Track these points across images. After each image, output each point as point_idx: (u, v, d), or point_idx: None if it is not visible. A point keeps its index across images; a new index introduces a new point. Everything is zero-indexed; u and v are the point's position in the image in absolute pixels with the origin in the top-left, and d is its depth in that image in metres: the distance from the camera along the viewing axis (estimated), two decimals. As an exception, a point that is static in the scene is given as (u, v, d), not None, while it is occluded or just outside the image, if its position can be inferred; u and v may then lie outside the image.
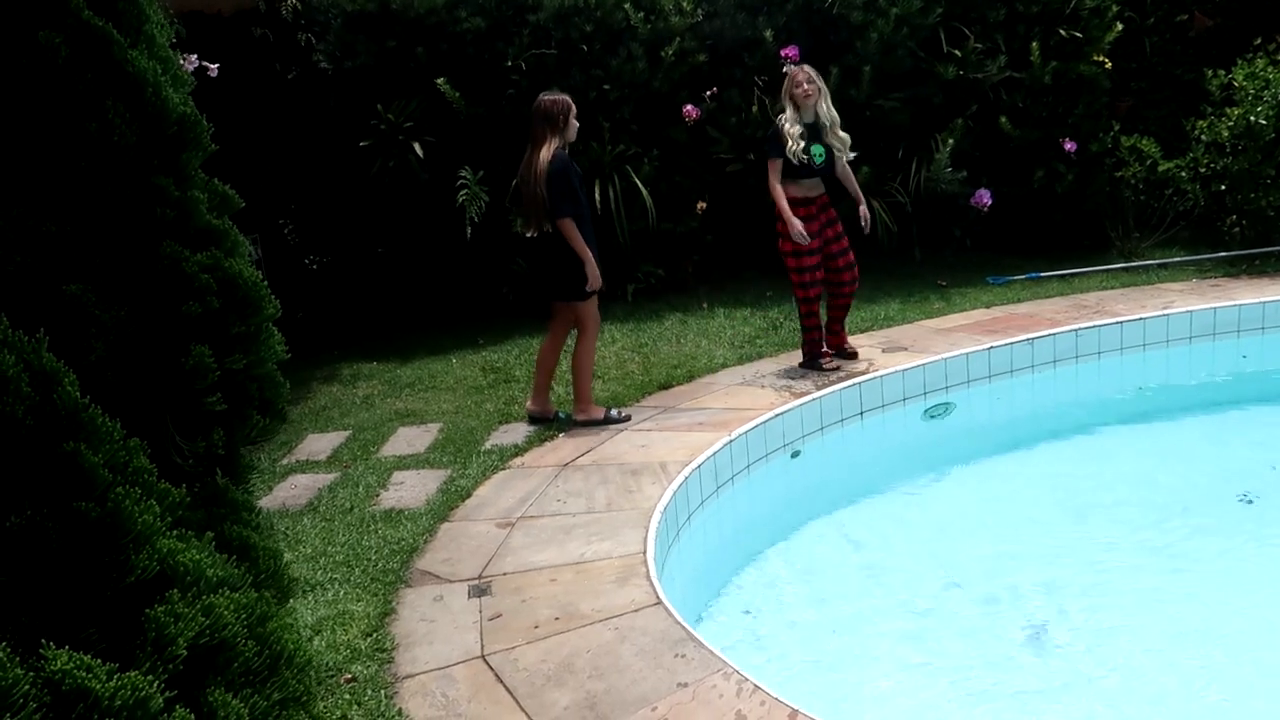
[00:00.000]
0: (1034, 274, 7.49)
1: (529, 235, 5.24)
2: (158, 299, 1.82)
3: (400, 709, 2.94)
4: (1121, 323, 6.19)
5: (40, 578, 1.29)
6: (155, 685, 1.26)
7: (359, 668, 3.17)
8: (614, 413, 5.34)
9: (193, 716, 1.29)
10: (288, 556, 3.36)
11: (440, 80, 7.24)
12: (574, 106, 5.13)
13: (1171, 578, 3.96)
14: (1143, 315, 6.26)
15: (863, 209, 5.79)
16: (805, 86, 5.57)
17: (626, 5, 7.49)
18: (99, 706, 1.19)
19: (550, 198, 4.98)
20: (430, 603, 3.60)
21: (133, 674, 1.26)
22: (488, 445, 5.14)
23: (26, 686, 1.11)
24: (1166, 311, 6.28)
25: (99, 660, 1.23)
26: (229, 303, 1.89)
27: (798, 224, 5.49)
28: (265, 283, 2.06)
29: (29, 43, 1.70)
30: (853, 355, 5.88)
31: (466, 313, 7.79)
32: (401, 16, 7.28)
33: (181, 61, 2.82)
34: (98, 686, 1.19)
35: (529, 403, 5.50)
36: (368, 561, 3.93)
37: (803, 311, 5.82)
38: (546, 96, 5.12)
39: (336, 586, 3.75)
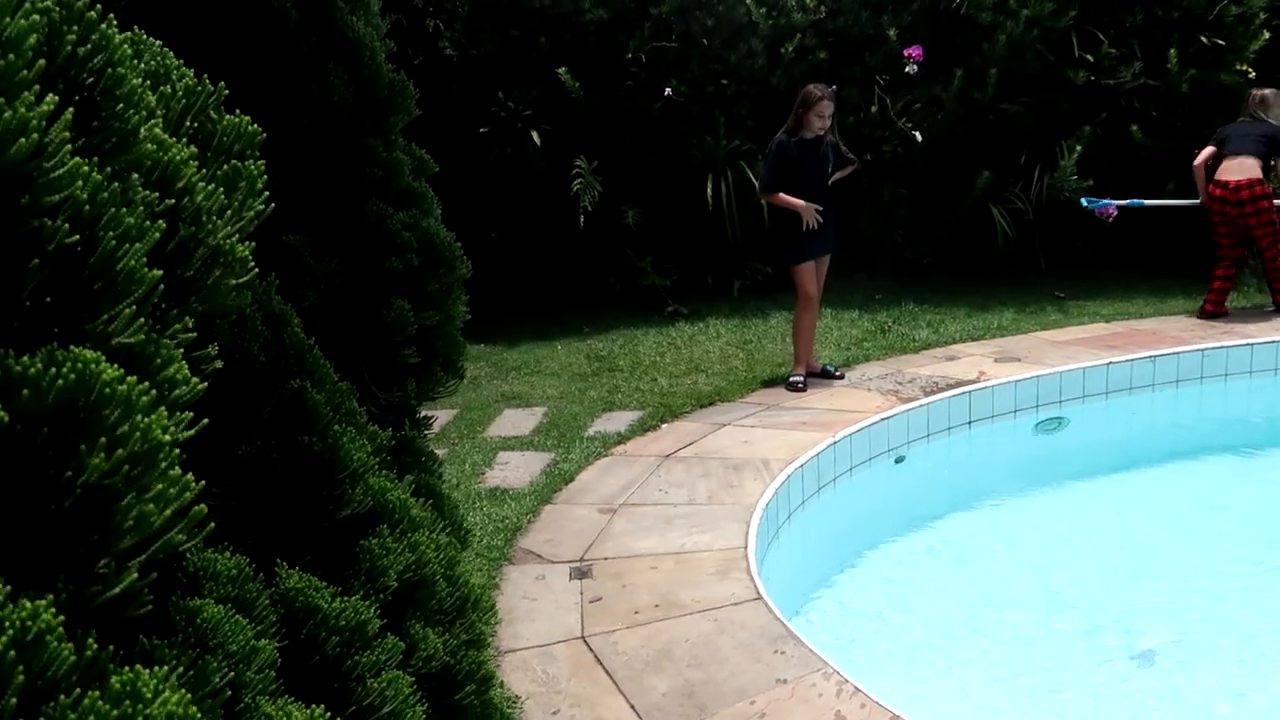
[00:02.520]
0: (1135, 201, 7.18)
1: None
2: (363, 254, 1.91)
3: (502, 682, 3.00)
4: (1253, 345, 5.91)
5: (266, 505, 1.37)
6: (373, 610, 1.34)
7: (462, 638, 3.25)
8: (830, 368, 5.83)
9: (402, 644, 1.36)
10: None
11: (562, 70, 7.34)
12: (819, 101, 5.42)
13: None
14: (1276, 338, 5.97)
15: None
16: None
17: (748, 1, 7.47)
18: (326, 624, 1.26)
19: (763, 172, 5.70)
20: (533, 581, 3.67)
21: (354, 598, 1.33)
22: (591, 431, 5.20)
23: (265, 600, 1.18)
24: (1302, 335, 5.98)
25: (324, 583, 1.30)
26: (426, 260, 1.98)
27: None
28: (459, 244, 2.14)
29: (264, 7, 1.81)
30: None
31: (574, 301, 7.89)
32: (526, 6, 7.40)
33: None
34: (325, 605, 1.27)
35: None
36: (474, 537, 4.02)
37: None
38: (808, 86, 5.58)
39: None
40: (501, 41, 7.48)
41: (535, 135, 7.44)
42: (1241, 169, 6.41)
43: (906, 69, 7.50)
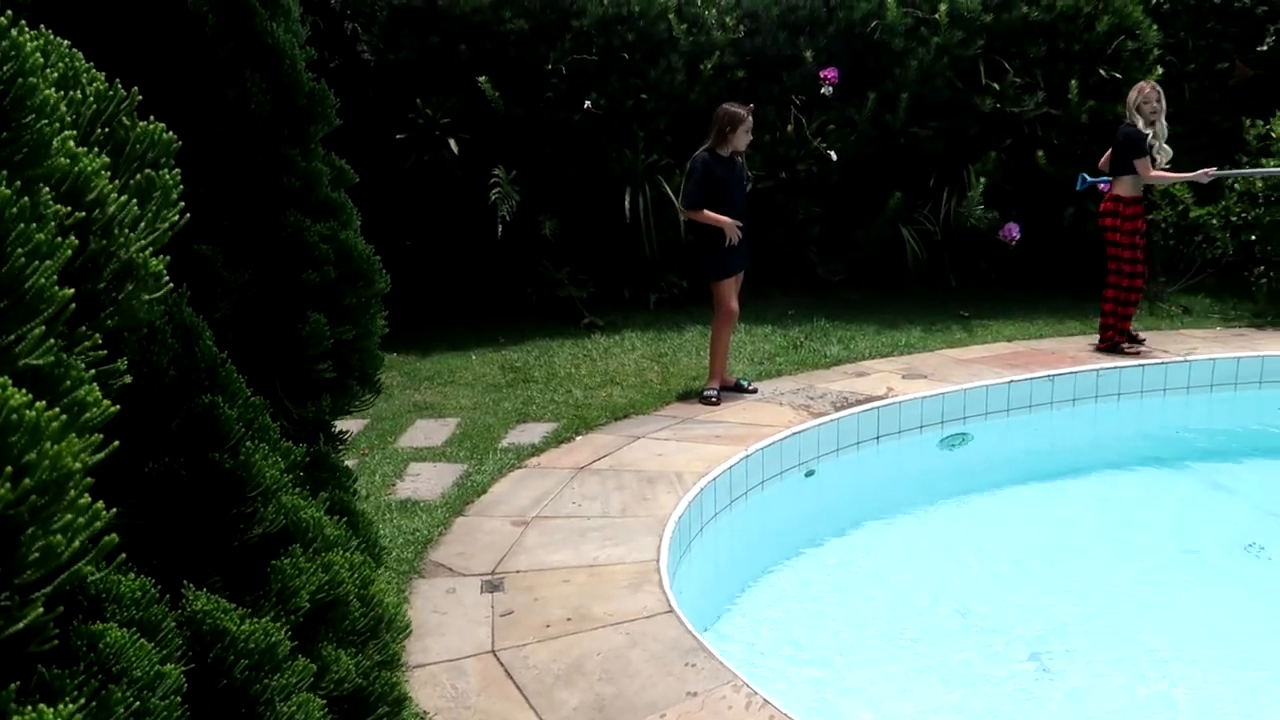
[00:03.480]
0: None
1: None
2: (279, 265, 1.86)
3: (410, 697, 2.96)
4: (1144, 366, 6.20)
5: (173, 524, 1.33)
6: (284, 632, 1.30)
7: (371, 654, 3.20)
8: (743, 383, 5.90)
9: (314, 666, 1.33)
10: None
11: (482, 78, 7.30)
12: (745, 120, 5.53)
13: (1172, 621, 3.97)
14: (1165, 360, 6.27)
15: None
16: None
17: (670, 16, 7.55)
18: (234, 647, 1.23)
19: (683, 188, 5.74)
20: (443, 594, 3.63)
21: (264, 619, 1.30)
22: (504, 443, 5.18)
23: (171, 623, 1.15)
24: (1189, 358, 6.29)
25: (233, 605, 1.27)
26: (344, 274, 1.94)
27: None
28: (378, 257, 2.11)
29: (179, 10, 1.76)
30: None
31: (489, 311, 7.84)
32: (447, 13, 7.35)
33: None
34: (234, 628, 1.23)
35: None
36: (383, 550, 3.96)
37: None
38: (723, 105, 5.67)
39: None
40: (421, 48, 7.41)
41: (453, 143, 7.39)
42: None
43: (822, 90, 7.68)
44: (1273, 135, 7.46)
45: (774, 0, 7.78)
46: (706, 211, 5.53)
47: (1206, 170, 6.41)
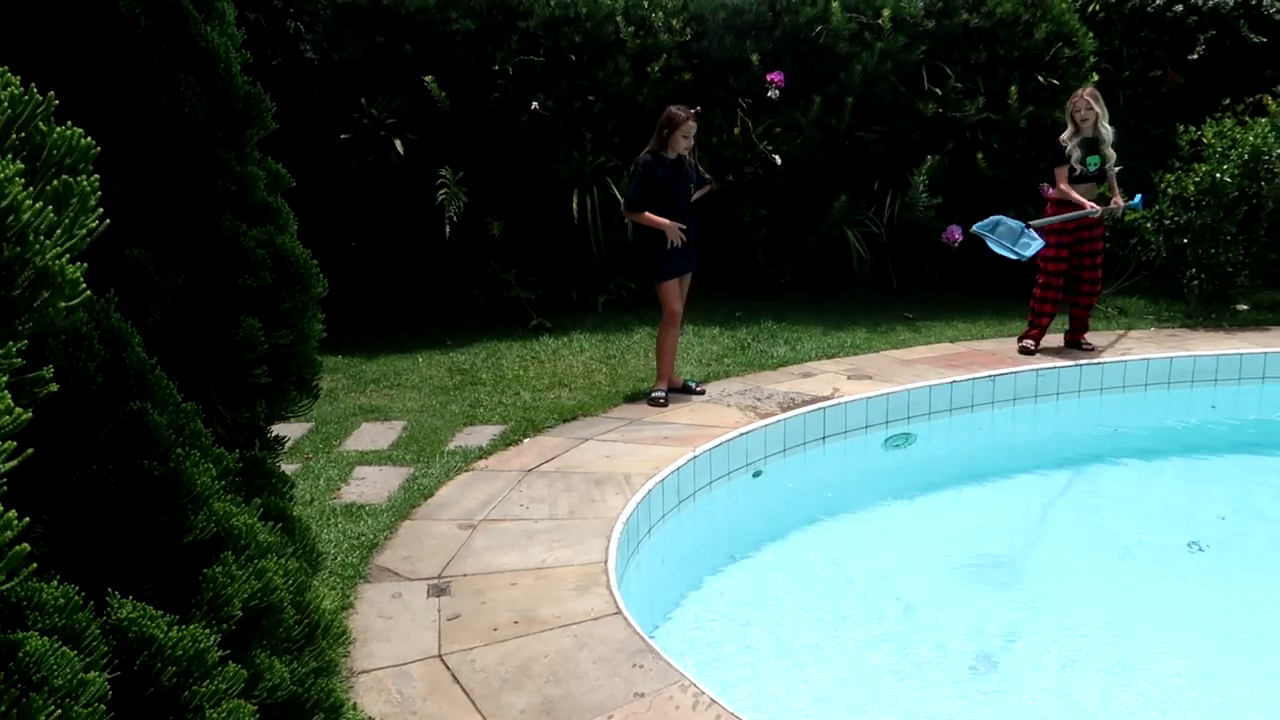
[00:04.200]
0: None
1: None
2: (214, 270, 1.83)
3: (355, 704, 2.91)
4: (1081, 366, 6.33)
5: (101, 533, 1.29)
6: (213, 639, 1.28)
7: (314, 660, 3.16)
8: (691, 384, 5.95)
9: (245, 672, 1.31)
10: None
11: (429, 78, 7.25)
12: (685, 122, 5.52)
13: (1115, 618, 4.05)
14: (1102, 360, 6.41)
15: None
16: None
17: (618, 19, 7.56)
18: (161, 654, 1.20)
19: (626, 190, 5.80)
20: (389, 599, 3.59)
21: (192, 627, 1.27)
22: (451, 446, 5.14)
23: (96, 630, 1.11)
24: (1125, 358, 6.44)
25: (161, 612, 1.24)
26: (281, 278, 1.91)
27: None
28: (315, 261, 2.08)
29: (110, 12, 1.72)
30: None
31: (436, 313, 7.77)
32: (392, 13, 7.29)
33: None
34: (160, 635, 1.20)
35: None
36: (327, 555, 3.90)
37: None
38: (668, 108, 5.64)
39: (317, 588, 3.73)
40: (366, 47, 7.33)
41: (399, 144, 7.32)
42: None
43: (769, 93, 7.74)
44: (1204, 141, 7.66)
45: (720, 4, 7.82)
46: (647, 214, 5.55)
47: (1093, 204, 6.46)
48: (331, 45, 7.38)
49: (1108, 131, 6.54)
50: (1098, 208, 6.45)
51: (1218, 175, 7.32)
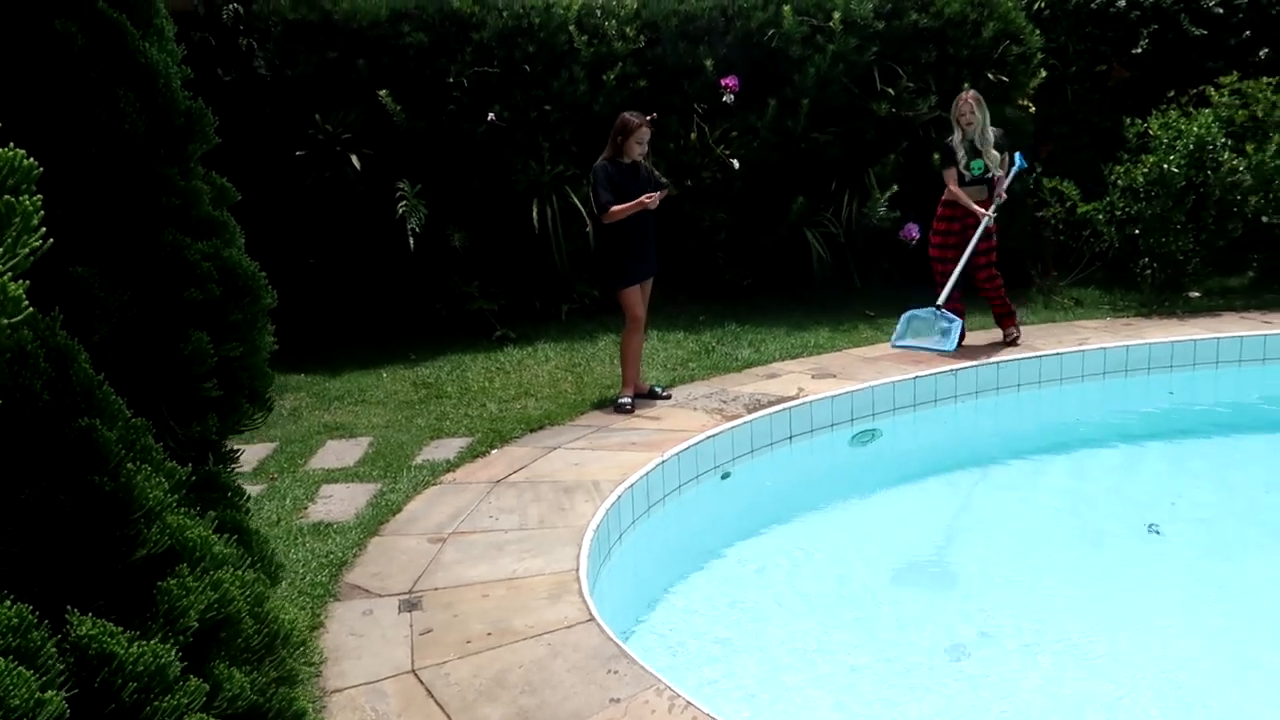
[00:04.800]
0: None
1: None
2: (160, 285, 1.81)
3: (309, 710, 2.90)
4: (1040, 357, 6.43)
5: (53, 551, 1.27)
6: (174, 654, 1.26)
7: (286, 681, 3.12)
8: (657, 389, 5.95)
9: (206, 686, 1.29)
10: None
11: (383, 92, 7.22)
12: (638, 128, 5.57)
13: (1082, 602, 4.11)
14: (1060, 350, 6.51)
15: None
16: None
17: (570, 28, 7.57)
18: (122, 670, 1.19)
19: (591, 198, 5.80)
20: (359, 617, 3.57)
21: (153, 642, 1.25)
22: (419, 460, 5.11)
23: (52, 649, 1.10)
24: (1082, 348, 6.54)
25: (120, 628, 1.22)
26: (228, 291, 1.90)
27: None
28: (263, 274, 2.06)
29: (46, 30, 1.70)
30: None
31: (399, 328, 7.72)
32: (344, 28, 7.25)
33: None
34: (121, 651, 1.19)
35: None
36: (295, 575, 3.87)
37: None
38: (621, 114, 5.68)
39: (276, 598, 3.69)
40: (319, 63, 7.29)
41: (355, 159, 7.28)
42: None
43: (724, 98, 7.78)
44: (1150, 133, 7.82)
45: (673, 10, 7.86)
46: (616, 207, 5.53)
47: (987, 213, 6.47)
48: (284, 62, 7.32)
49: (991, 135, 6.58)
50: (987, 213, 6.46)
51: (1165, 166, 7.47)
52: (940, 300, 6.43)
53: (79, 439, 1.33)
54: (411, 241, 7.15)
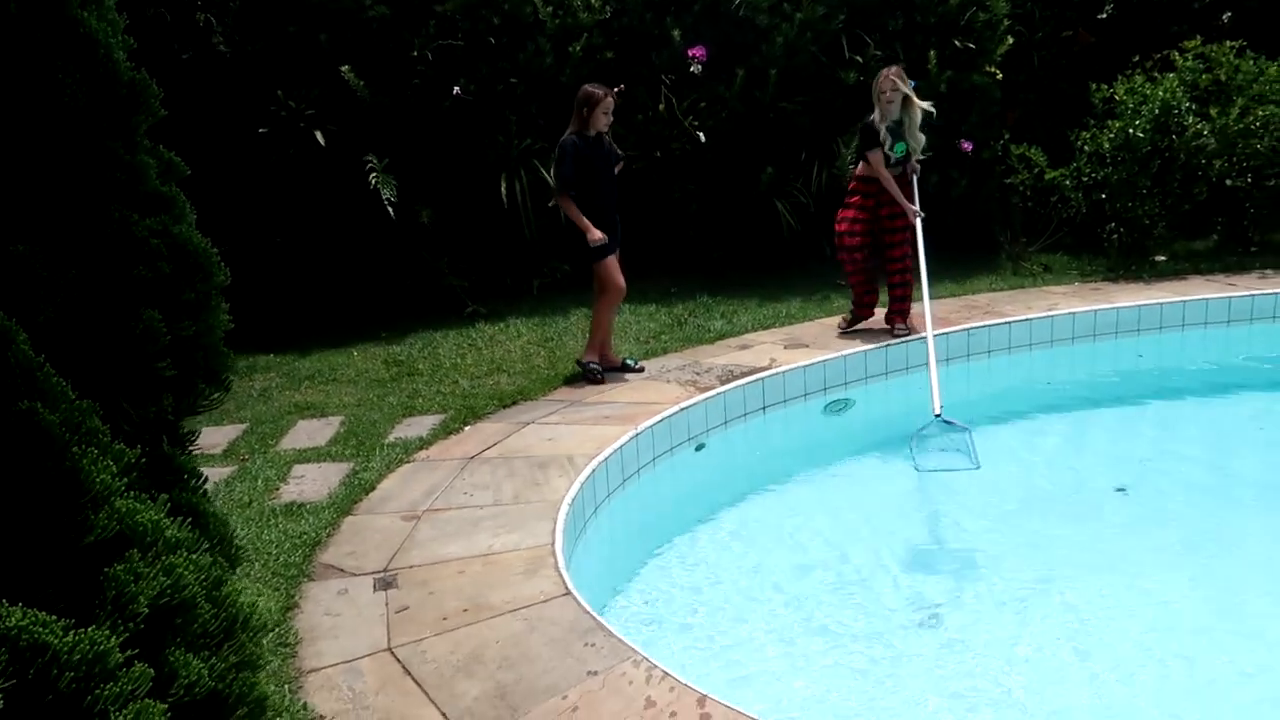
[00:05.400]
0: None
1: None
2: (108, 262, 1.76)
3: (305, 703, 2.89)
4: (1010, 323, 6.47)
5: None
6: (114, 641, 1.24)
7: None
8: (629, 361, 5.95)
9: (151, 671, 1.27)
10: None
11: (345, 68, 7.11)
12: (604, 99, 5.52)
13: (1052, 564, 4.16)
14: (1029, 316, 6.55)
15: None
16: None
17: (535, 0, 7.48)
18: (57, 661, 1.17)
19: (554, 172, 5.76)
20: (334, 596, 3.55)
21: (90, 629, 1.23)
22: (391, 438, 5.08)
23: None
24: (1051, 313, 6.59)
25: (55, 617, 1.20)
26: (179, 268, 1.85)
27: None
28: (215, 250, 2.02)
29: None
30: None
31: (369, 305, 7.66)
32: (303, 1, 7.12)
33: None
34: (55, 641, 1.17)
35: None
36: (268, 555, 3.85)
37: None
38: (584, 86, 5.62)
39: (235, 581, 3.66)
40: (279, 38, 7.16)
41: (319, 135, 7.17)
42: None
43: (691, 68, 7.73)
44: (1115, 99, 7.85)
45: (639, -20, 7.79)
46: (572, 208, 5.54)
47: (919, 211, 6.15)
48: (244, 37, 7.19)
49: (918, 115, 6.12)
50: (917, 210, 6.16)
51: (1131, 131, 7.51)
52: (937, 408, 5.37)
53: (20, 423, 1.30)
54: (391, 210, 7.07)
